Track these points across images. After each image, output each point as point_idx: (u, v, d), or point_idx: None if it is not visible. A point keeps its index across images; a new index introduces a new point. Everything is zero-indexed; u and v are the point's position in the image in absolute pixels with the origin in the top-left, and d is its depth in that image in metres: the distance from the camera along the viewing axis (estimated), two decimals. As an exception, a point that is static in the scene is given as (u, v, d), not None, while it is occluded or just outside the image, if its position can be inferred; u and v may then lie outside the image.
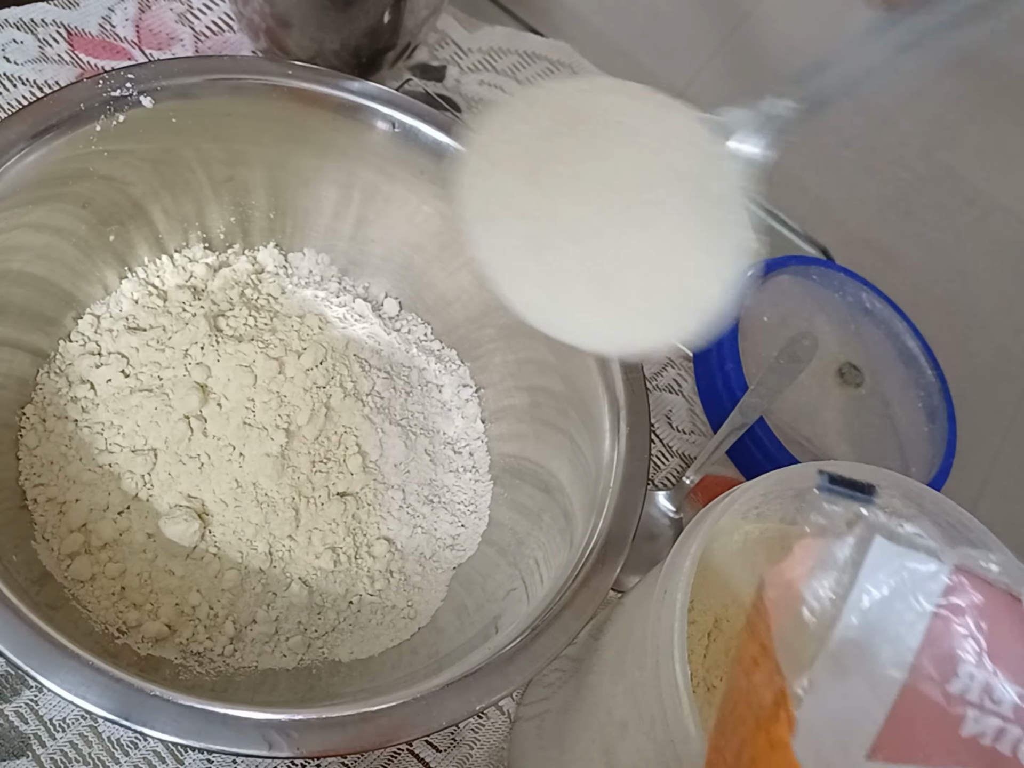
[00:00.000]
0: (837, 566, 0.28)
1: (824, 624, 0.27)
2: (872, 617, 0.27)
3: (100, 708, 0.29)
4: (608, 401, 0.40)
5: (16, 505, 0.38)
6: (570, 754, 0.36)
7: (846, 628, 0.27)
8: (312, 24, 0.49)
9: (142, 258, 0.44)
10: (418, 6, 0.50)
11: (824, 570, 0.28)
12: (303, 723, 0.30)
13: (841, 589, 0.27)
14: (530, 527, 0.42)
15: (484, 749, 0.42)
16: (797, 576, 0.28)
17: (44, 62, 0.51)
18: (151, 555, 0.38)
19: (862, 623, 0.27)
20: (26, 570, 0.35)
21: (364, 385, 0.44)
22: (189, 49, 0.55)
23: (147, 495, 0.39)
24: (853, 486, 0.29)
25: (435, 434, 0.46)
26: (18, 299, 0.39)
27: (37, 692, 0.38)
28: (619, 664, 0.33)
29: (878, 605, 0.27)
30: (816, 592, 0.27)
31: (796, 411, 0.53)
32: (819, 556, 0.28)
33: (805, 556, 0.28)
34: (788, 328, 0.55)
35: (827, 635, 0.27)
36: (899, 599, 0.27)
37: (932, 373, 0.57)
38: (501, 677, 0.32)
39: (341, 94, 0.43)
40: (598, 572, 0.35)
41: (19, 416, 0.40)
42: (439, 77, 0.60)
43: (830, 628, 0.27)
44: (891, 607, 0.27)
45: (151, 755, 0.38)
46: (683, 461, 0.53)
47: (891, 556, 0.27)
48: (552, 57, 0.64)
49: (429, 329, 0.49)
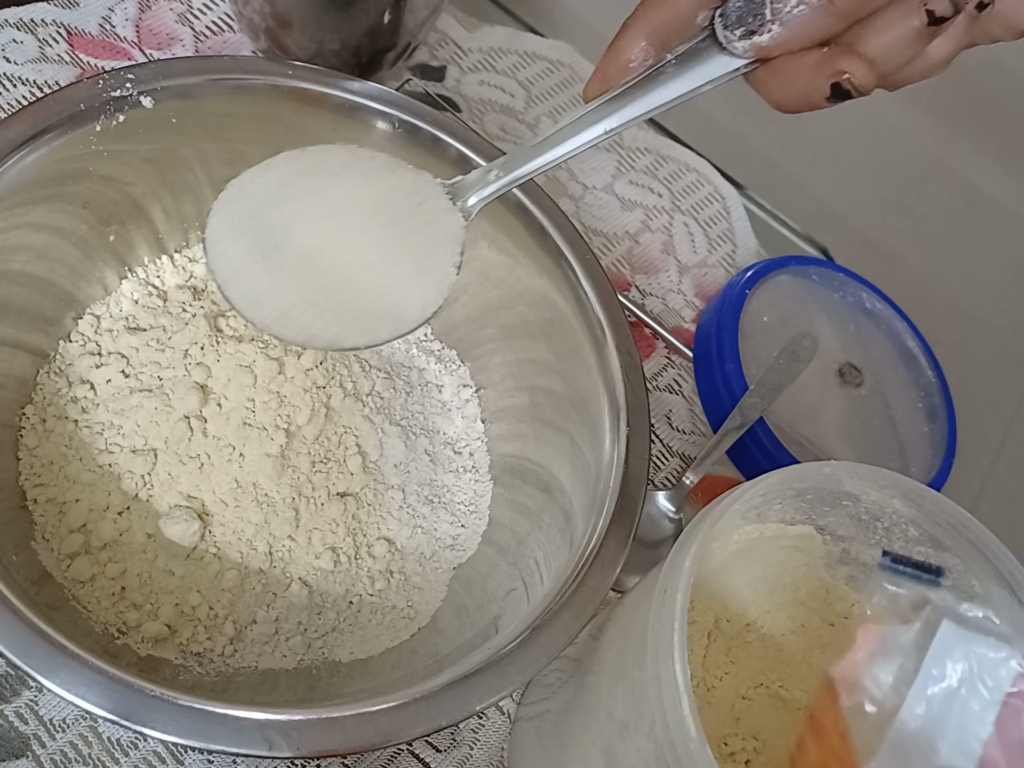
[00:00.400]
0: (901, 651, 0.26)
1: (887, 712, 0.26)
2: (938, 705, 0.26)
3: (100, 708, 0.29)
4: (608, 401, 0.40)
5: (16, 505, 0.38)
6: (570, 754, 0.36)
7: (910, 716, 0.25)
8: (312, 24, 0.49)
9: (142, 258, 0.44)
10: (418, 6, 0.50)
11: (887, 656, 0.26)
12: (303, 723, 0.30)
13: (905, 675, 0.26)
14: (530, 527, 0.42)
15: (484, 749, 0.42)
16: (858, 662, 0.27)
17: (44, 62, 0.51)
18: (151, 555, 0.38)
19: (927, 711, 0.25)
20: (26, 570, 0.35)
21: (364, 385, 0.44)
22: (189, 49, 0.55)
23: (147, 495, 0.39)
24: (919, 567, 0.28)
25: (435, 434, 0.46)
26: (18, 299, 0.39)
27: (37, 692, 0.38)
28: (619, 664, 0.33)
29: (944, 692, 0.26)
30: (878, 679, 0.26)
31: (796, 411, 0.53)
32: (882, 641, 0.27)
33: (867, 641, 0.27)
34: (788, 328, 0.55)
35: (890, 724, 0.26)
36: (967, 686, 0.26)
37: (932, 373, 0.57)
38: (501, 677, 0.32)
39: (341, 94, 0.43)
40: (598, 572, 0.35)
41: (19, 416, 0.40)
42: (439, 77, 0.60)
43: (893, 716, 0.26)
44: (958, 695, 0.26)
45: (151, 755, 0.38)
46: (683, 461, 0.53)
47: (959, 641, 0.26)
48: (552, 57, 0.64)
49: (429, 329, 0.49)
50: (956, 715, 0.25)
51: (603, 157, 0.61)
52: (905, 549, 0.35)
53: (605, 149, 0.62)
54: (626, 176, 0.61)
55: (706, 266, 0.60)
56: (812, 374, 0.54)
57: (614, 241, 0.59)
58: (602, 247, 0.58)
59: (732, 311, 0.54)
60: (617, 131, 0.30)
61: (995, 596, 0.29)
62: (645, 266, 0.59)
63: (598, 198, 0.60)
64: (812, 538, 0.37)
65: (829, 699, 0.27)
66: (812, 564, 0.38)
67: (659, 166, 0.63)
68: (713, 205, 0.63)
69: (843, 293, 0.58)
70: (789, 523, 0.36)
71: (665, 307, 0.58)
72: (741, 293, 0.55)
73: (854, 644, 0.27)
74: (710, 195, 0.63)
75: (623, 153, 0.62)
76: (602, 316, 0.41)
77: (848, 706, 0.26)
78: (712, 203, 0.63)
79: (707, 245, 0.61)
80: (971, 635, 0.26)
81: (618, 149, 0.62)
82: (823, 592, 0.38)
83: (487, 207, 0.33)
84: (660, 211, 0.61)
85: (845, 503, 0.35)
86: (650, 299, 0.58)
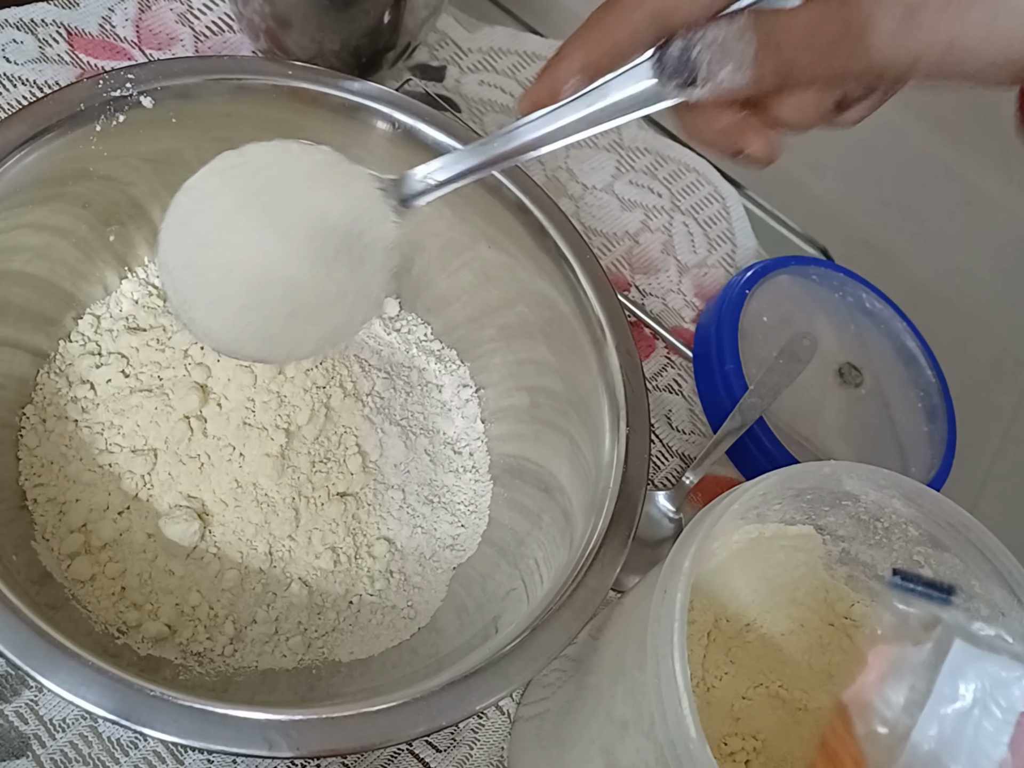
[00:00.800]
0: (913, 672, 0.26)
1: (899, 734, 0.26)
2: (951, 726, 0.25)
3: (100, 708, 0.29)
4: (608, 401, 0.40)
5: (16, 505, 0.38)
6: (570, 754, 0.36)
7: (923, 738, 0.25)
8: (312, 24, 0.49)
9: (142, 258, 0.44)
10: (418, 6, 0.50)
11: (899, 677, 0.26)
12: (303, 723, 0.30)
13: (917, 696, 0.26)
14: (530, 527, 0.42)
15: (484, 749, 0.42)
16: (870, 685, 0.26)
17: (44, 62, 0.51)
18: (151, 555, 0.38)
19: (940, 732, 0.25)
20: (26, 570, 0.35)
21: (364, 385, 0.44)
22: (189, 49, 0.55)
23: (147, 495, 0.39)
24: (930, 585, 0.27)
25: (435, 434, 0.46)
26: (18, 299, 0.39)
27: (37, 692, 0.38)
28: (619, 664, 0.33)
29: (957, 713, 0.25)
30: (890, 700, 0.26)
31: (796, 411, 0.53)
32: (893, 662, 0.26)
33: (878, 663, 0.27)
34: (788, 328, 0.55)
35: (902, 746, 0.25)
36: (980, 707, 0.25)
37: (932, 373, 0.57)
38: (501, 677, 0.32)
39: (341, 94, 0.43)
40: (598, 572, 0.35)
41: (19, 416, 0.40)
42: (439, 77, 0.60)
43: (905, 738, 0.25)
44: (971, 715, 0.25)
45: (151, 755, 0.38)
46: (683, 461, 0.53)
47: (971, 660, 0.26)
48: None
49: (429, 329, 0.49)
50: (969, 736, 0.25)
51: (603, 157, 0.61)
52: (905, 549, 0.35)
53: (605, 149, 0.62)
54: (626, 176, 0.61)
55: (706, 266, 0.60)
56: (812, 374, 0.54)
57: (614, 241, 0.59)
58: (602, 247, 0.58)
59: (732, 311, 0.54)
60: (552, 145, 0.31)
61: (1007, 614, 0.28)
62: (645, 266, 0.59)
63: (598, 198, 0.60)
64: (812, 538, 0.37)
65: (842, 725, 0.27)
66: (812, 564, 0.38)
67: (659, 166, 0.63)
68: (713, 205, 0.63)
69: (843, 293, 0.58)
70: (789, 523, 0.36)
71: (665, 307, 0.58)
72: (741, 293, 0.55)
73: (865, 666, 0.27)
74: (710, 195, 0.63)
75: (623, 153, 0.62)
76: (602, 316, 0.41)
77: (862, 733, 0.26)
78: (712, 203, 0.63)
79: (707, 245, 0.61)
80: (984, 654, 0.26)
81: (618, 149, 0.62)
82: (823, 592, 0.38)
83: (486, 207, 0.33)
84: (660, 211, 0.61)
85: (845, 503, 0.35)
86: (650, 299, 0.58)
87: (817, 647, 0.38)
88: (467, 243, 0.46)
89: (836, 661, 0.38)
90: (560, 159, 0.60)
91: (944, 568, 0.34)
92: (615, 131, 0.62)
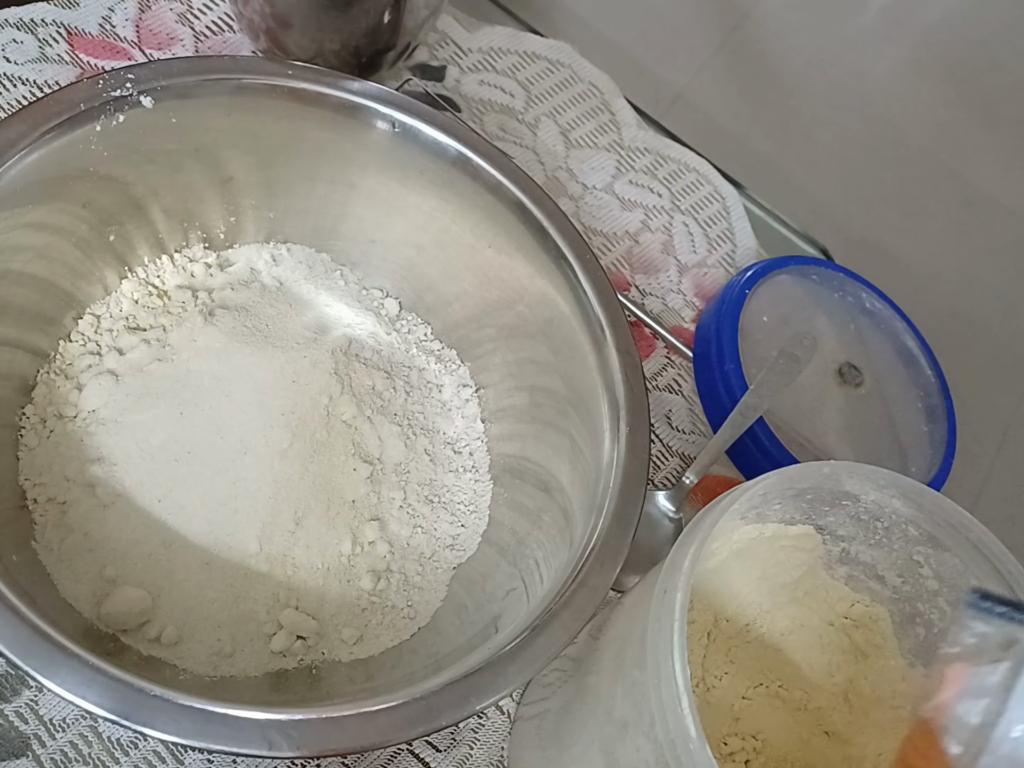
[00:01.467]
0: (988, 692, 0.26)
1: (971, 754, 0.25)
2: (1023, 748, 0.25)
3: (100, 708, 0.29)
4: (608, 401, 0.40)
5: (16, 505, 0.38)
6: (570, 754, 0.36)
7: (994, 759, 0.25)
8: (312, 24, 0.49)
9: (142, 258, 0.44)
10: (418, 6, 0.50)
11: (975, 696, 0.26)
12: (303, 723, 0.30)
13: (990, 717, 0.25)
14: (530, 527, 0.42)
15: (484, 749, 0.42)
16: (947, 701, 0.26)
17: (44, 62, 0.51)
18: (151, 555, 0.38)
19: (1012, 754, 0.25)
20: (26, 570, 0.35)
21: (364, 385, 0.44)
22: (189, 49, 0.55)
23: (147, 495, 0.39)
24: (1012, 605, 0.27)
25: (435, 434, 0.46)
26: (18, 299, 0.39)
27: (37, 692, 0.38)
28: (619, 664, 0.33)
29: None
30: (962, 720, 0.26)
31: (796, 411, 0.53)
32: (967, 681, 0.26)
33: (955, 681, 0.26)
34: (788, 328, 0.55)
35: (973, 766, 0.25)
36: None
37: (932, 373, 0.57)
38: (501, 677, 0.32)
39: (341, 94, 0.43)
40: (598, 572, 0.35)
41: (19, 416, 0.40)
42: (439, 77, 0.60)
43: (976, 758, 0.25)
44: None
45: (151, 755, 0.38)
46: (683, 461, 0.53)
47: None
48: (552, 57, 0.64)
49: (429, 329, 0.49)
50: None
51: (603, 157, 0.61)
52: (905, 549, 0.35)
53: (605, 149, 0.62)
54: (626, 176, 0.61)
55: (706, 266, 0.60)
56: (812, 374, 0.54)
57: (614, 241, 0.59)
58: (602, 247, 0.58)
59: (732, 311, 0.54)
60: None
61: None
62: (645, 266, 0.59)
63: (598, 198, 0.60)
64: (812, 538, 0.37)
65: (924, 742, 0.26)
66: (812, 564, 0.38)
67: (659, 166, 0.63)
68: (713, 205, 0.63)
69: (843, 293, 0.58)
70: (789, 523, 0.36)
71: (665, 307, 0.58)
72: (741, 293, 0.55)
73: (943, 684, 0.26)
74: (710, 195, 0.63)
75: (623, 153, 0.62)
76: (602, 316, 0.41)
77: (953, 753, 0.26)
78: (712, 203, 0.63)
79: (707, 245, 0.61)
80: None
81: (618, 149, 0.62)
82: (823, 592, 0.38)
83: (486, 207, 0.33)
84: (660, 211, 0.61)
85: (845, 503, 0.35)
86: (650, 299, 0.58)
87: (817, 647, 0.38)
88: (467, 243, 0.46)
89: (836, 661, 0.38)
90: (560, 159, 0.60)
91: (944, 568, 0.34)
92: (615, 131, 0.63)
